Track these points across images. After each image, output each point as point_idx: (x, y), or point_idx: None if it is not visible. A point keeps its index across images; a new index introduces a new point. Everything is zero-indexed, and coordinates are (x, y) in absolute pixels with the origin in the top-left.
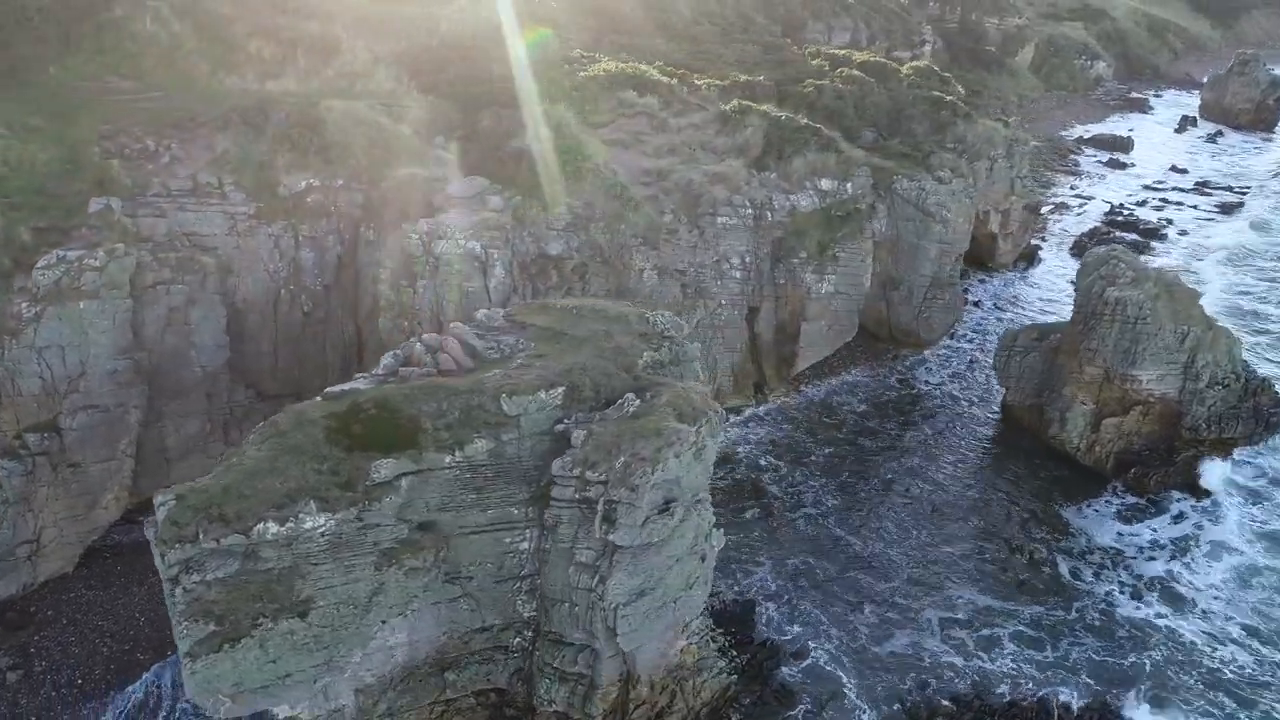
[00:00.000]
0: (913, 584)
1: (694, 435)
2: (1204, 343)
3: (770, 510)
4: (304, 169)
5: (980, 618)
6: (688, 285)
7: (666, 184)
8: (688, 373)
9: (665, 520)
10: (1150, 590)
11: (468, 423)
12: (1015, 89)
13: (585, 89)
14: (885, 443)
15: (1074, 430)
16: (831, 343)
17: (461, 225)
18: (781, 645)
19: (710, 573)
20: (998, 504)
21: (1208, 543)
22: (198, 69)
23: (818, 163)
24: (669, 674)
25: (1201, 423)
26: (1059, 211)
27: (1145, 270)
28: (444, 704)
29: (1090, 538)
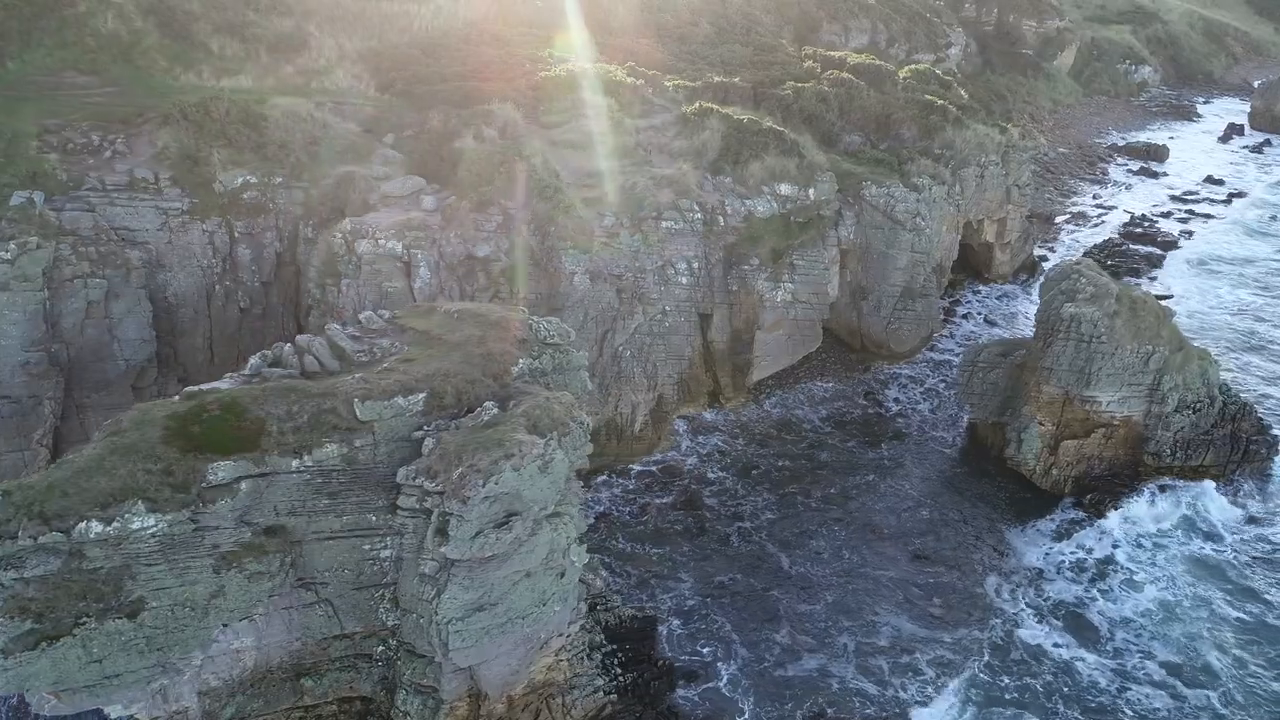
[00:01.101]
0: (836, 606)
1: (541, 448)
2: (1172, 364)
3: (704, 524)
4: (240, 165)
5: (897, 642)
6: (624, 290)
7: (610, 186)
8: (572, 381)
9: (501, 534)
10: (1055, 616)
11: (317, 427)
12: (1050, 94)
13: (542, 89)
14: (841, 458)
15: (1029, 452)
16: (792, 352)
17: (383, 225)
18: (679, 665)
19: (572, 589)
20: (944, 525)
21: (1137, 569)
22: (156, 65)
23: (777, 167)
24: (533, 691)
25: (1166, 448)
26: (1075, 221)
27: (1106, 286)
28: (303, 710)
29: (1021, 557)
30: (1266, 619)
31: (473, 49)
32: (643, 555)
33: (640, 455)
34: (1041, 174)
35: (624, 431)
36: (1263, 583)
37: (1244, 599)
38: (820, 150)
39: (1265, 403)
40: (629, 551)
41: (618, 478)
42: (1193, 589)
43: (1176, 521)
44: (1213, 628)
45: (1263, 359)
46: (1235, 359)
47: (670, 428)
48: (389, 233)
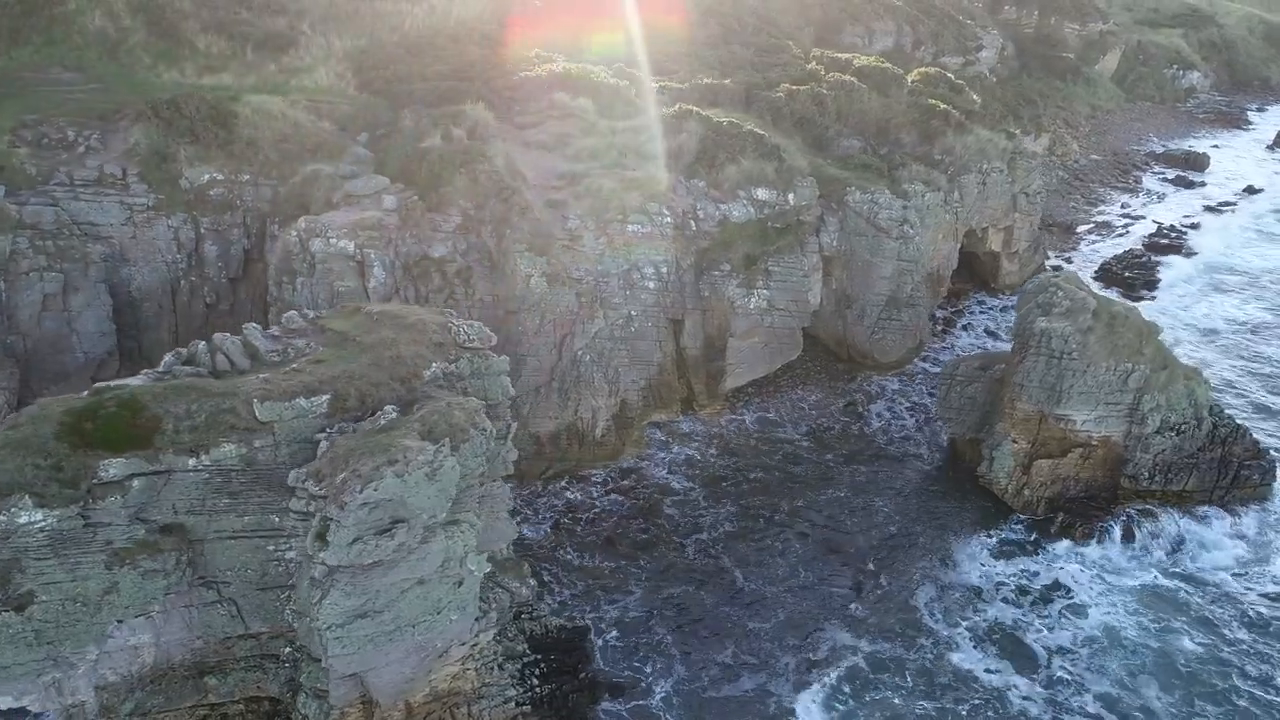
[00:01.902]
0: (785, 624)
1: (430, 454)
2: (1153, 383)
3: (661, 535)
4: (207, 162)
5: (837, 662)
6: (583, 294)
7: (577, 189)
8: (492, 386)
9: (383, 541)
10: (992, 640)
11: (214, 426)
12: (1089, 99)
13: (520, 90)
14: (815, 471)
15: (1001, 470)
16: (770, 361)
17: (337, 224)
18: (611, 679)
19: (472, 598)
20: (907, 544)
21: (1086, 596)
22: (140, 62)
23: (754, 171)
24: (436, 699)
25: (1144, 471)
26: (1098, 231)
27: (1083, 301)
28: (208, 708)
29: (971, 577)
30: (1220, 656)
31: (461, 48)
32: (592, 566)
33: (604, 461)
34: (1069, 181)
35: (585, 436)
36: (1223, 618)
37: (1200, 634)
38: (810, 154)
39: (1266, 424)
40: (577, 561)
41: (577, 483)
42: (1142, 620)
43: (1138, 548)
44: (1159, 663)
45: (1273, 378)
46: (1242, 377)
47: (641, 434)
48: (341, 232)
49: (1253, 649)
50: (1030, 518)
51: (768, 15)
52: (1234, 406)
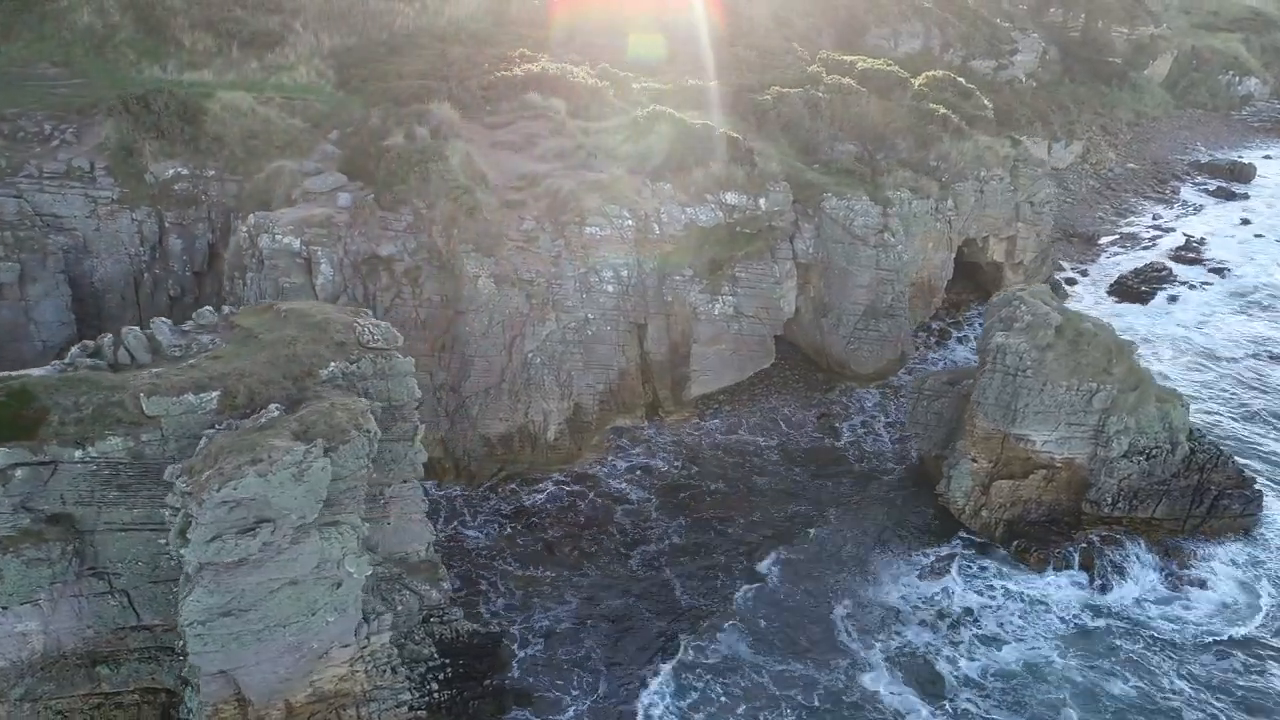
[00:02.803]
0: (712, 639)
1: (299, 455)
2: (1121, 404)
3: (606, 545)
4: (172, 157)
5: (759, 685)
6: (534, 296)
7: (536, 190)
8: (396, 388)
9: (244, 541)
10: (899, 664)
11: (101, 419)
12: (1135, 105)
13: (494, 89)
14: (778, 484)
15: (959, 490)
16: (739, 369)
17: (284, 220)
18: (518, 690)
19: (353, 600)
20: (855, 563)
21: (1007, 626)
22: (125, 58)
23: (722, 174)
24: (320, 700)
25: (1108, 496)
26: (1123, 243)
27: (1046, 316)
28: (102, 696)
29: (904, 598)
30: (1151, 705)
31: (445, 47)
32: (530, 574)
33: (559, 465)
34: (1099, 191)
35: (538, 440)
36: (1160, 664)
37: (1131, 679)
38: (794, 159)
39: (1263, 453)
40: (517, 569)
41: (529, 487)
42: (1067, 657)
43: (1084, 579)
44: (1079, 704)
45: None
46: (1247, 403)
47: (601, 439)
48: (287, 228)
49: (1189, 700)
50: (976, 540)
51: (785, 17)
52: (1230, 433)
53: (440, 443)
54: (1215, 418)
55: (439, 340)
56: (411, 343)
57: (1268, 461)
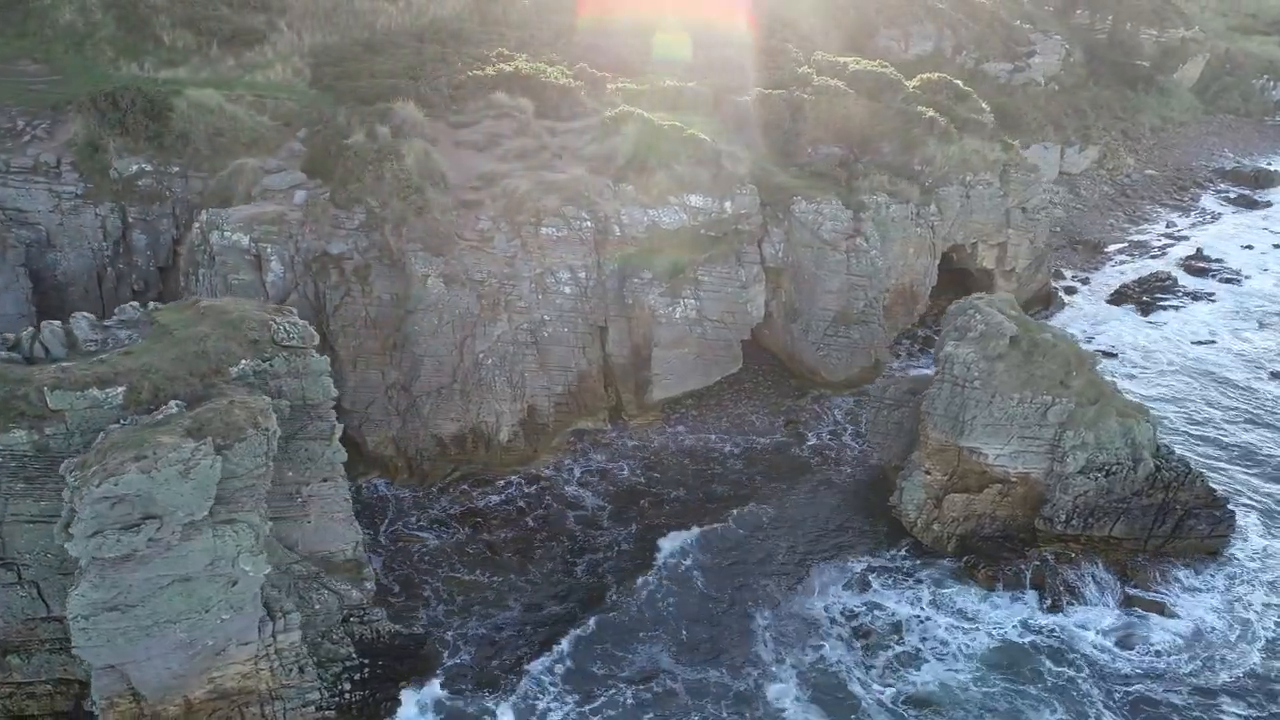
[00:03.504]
0: (647, 654)
1: (187, 452)
2: (1079, 418)
3: (554, 552)
4: (136, 154)
5: (660, 685)
6: (485, 296)
7: (494, 190)
8: (311, 386)
9: (127, 536)
10: (809, 682)
11: (6, 411)
12: (1161, 110)
13: (463, 88)
14: (735, 492)
15: (910, 502)
16: (705, 373)
17: (235, 217)
18: (431, 693)
19: (251, 599)
20: (794, 575)
21: (932, 646)
22: (104, 56)
23: (686, 176)
24: (222, 697)
25: (1061, 514)
26: (1131, 251)
27: (999, 326)
28: (14, 686)
29: (816, 606)
30: None
31: (423, 46)
32: (473, 579)
33: (514, 467)
34: (1113, 197)
35: (491, 441)
36: (1089, 694)
37: (1053, 704)
38: (772, 162)
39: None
40: (458, 574)
41: (481, 489)
42: (989, 682)
43: (1026, 600)
44: None
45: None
46: (1237, 420)
47: (562, 441)
48: (237, 225)
49: None
50: (924, 554)
51: (789, 18)
52: (1214, 451)
53: (392, 441)
54: (1200, 434)
55: (390, 339)
56: (362, 341)
57: (1251, 482)
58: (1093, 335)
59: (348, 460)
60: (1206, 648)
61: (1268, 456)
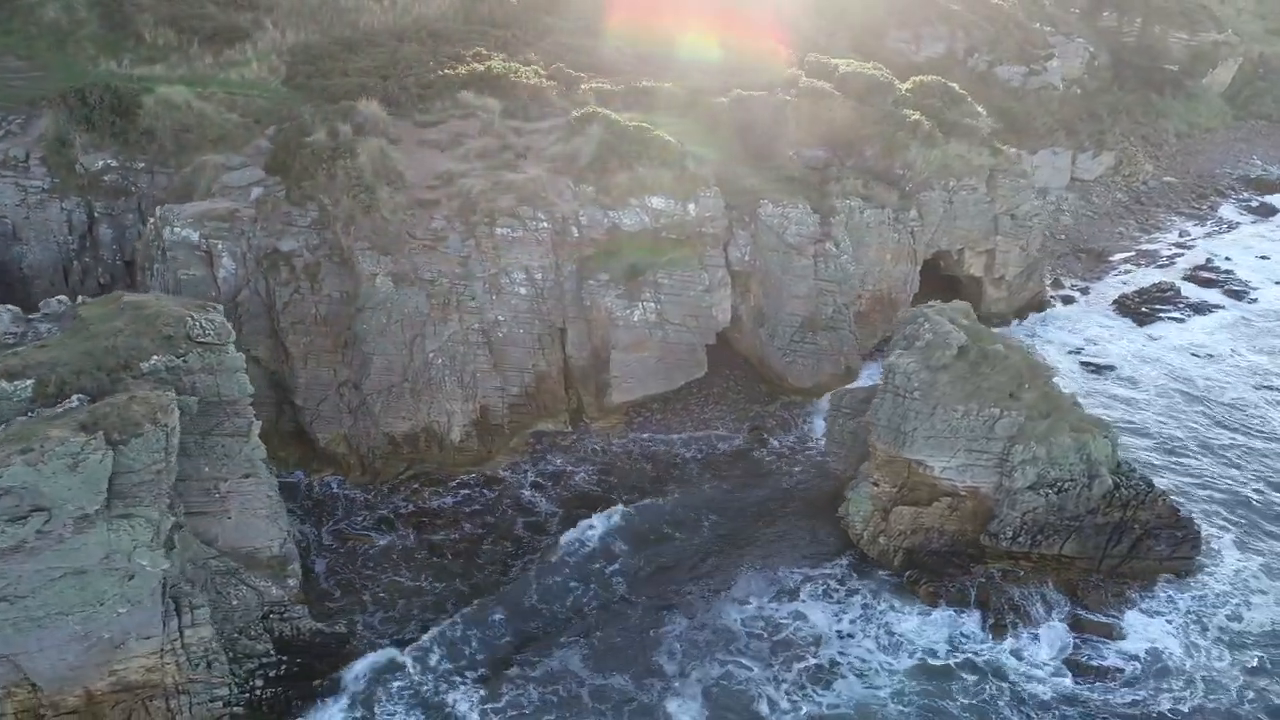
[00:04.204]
0: (556, 657)
1: (76, 446)
2: (1029, 432)
3: (498, 554)
4: (101, 149)
5: (564, 689)
6: (435, 296)
7: (450, 189)
8: (226, 383)
9: (14, 528)
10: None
11: None
12: (1187, 116)
13: (432, 87)
14: (687, 500)
15: (857, 514)
16: (667, 378)
17: (187, 213)
18: (347, 691)
19: (150, 593)
20: (717, 581)
21: (849, 661)
22: (84, 53)
23: (648, 178)
24: (125, 690)
25: (1008, 530)
26: (1138, 260)
27: (946, 336)
28: None
29: (735, 617)
30: None
31: (401, 45)
32: (411, 581)
33: (468, 467)
34: (1126, 205)
35: (443, 440)
36: (1007, 711)
37: None
38: (743, 164)
39: (1218, 492)
40: (396, 575)
41: (433, 489)
42: (905, 700)
43: (973, 615)
44: None
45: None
46: (1221, 440)
47: (521, 442)
48: (188, 221)
49: None
50: (866, 567)
51: (792, 18)
52: (1192, 470)
53: (344, 439)
54: (1183, 453)
55: (341, 337)
56: (312, 338)
57: (1231, 504)
58: (1082, 346)
59: (302, 456)
60: (1153, 675)
61: (1252, 478)
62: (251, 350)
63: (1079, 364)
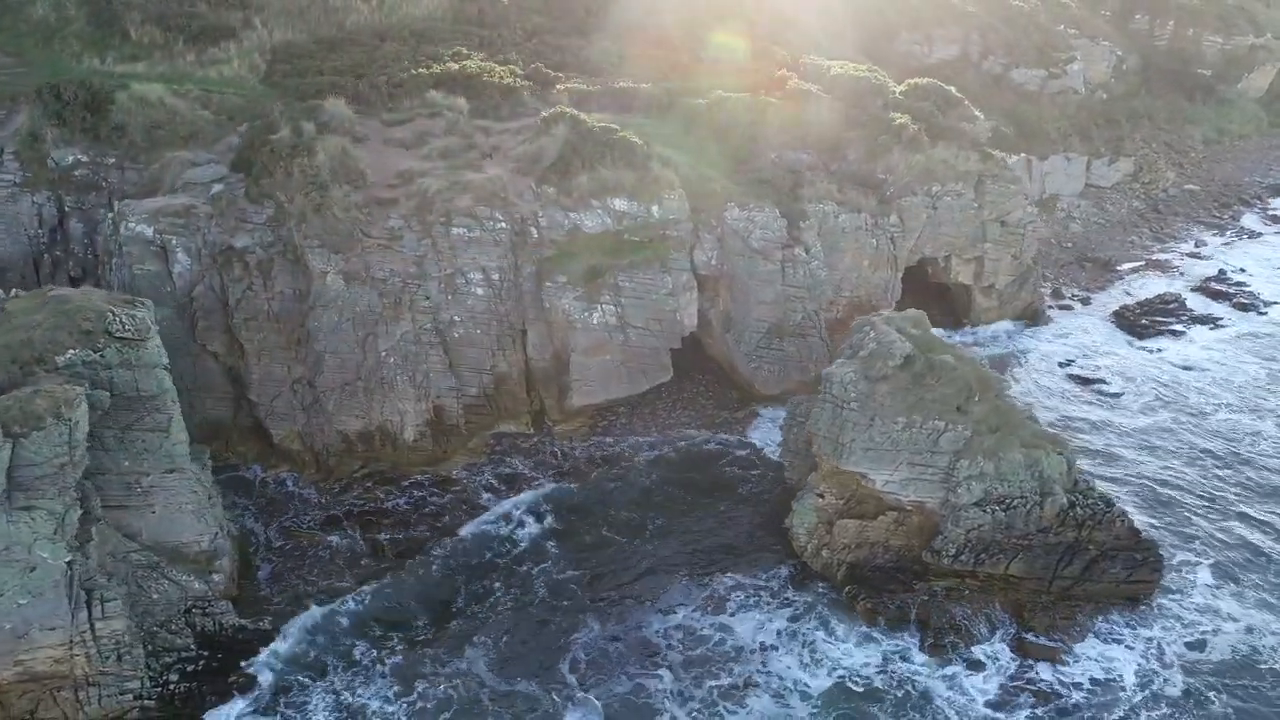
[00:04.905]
0: (469, 658)
1: None
2: (976, 447)
3: (438, 555)
4: (72, 145)
5: (473, 695)
6: (387, 295)
7: (409, 189)
8: (144, 379)
9: None
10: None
11: None
12: (1219, 122)
13: (403, 86)
14: (639, 505)
15: (801, 526)
16: (630, 382)
17: (142, 209)
18: (263, 687)
19: (53, 585)
20: (656, 591)
21: (771, 683)
22: (70, 50)
23: (610, 179)
24: (31, 679)
25: (950, 547)
26: (1148, 270)
27: (890, 345)
28: None
29: (654, 629)
30: None
31: (385, 45)
32: (348, 579)
33: (423, 467)
34: (1142, 213)
35: (398, 440)
36: None
37: None
38: (716, 166)
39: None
40: (336, 574)
41: (384, 488)
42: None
43: (913, 634)
44: None
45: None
46: (1208, 464)
47: (481, 443)
48: (142, 217)
49: None
50: (808, 580)
51: (795, 19)
52: (1172, 494)
53: (298, 436)
54: (1165, 474)
55: (295, 334)
56: (266, 335)
57: (1211, 530)
58: (1073, 358)
59: (261, 451)
60: (1095, 704)
61: (1236, 502)
62: (208, 345)
63: (1067, 376)
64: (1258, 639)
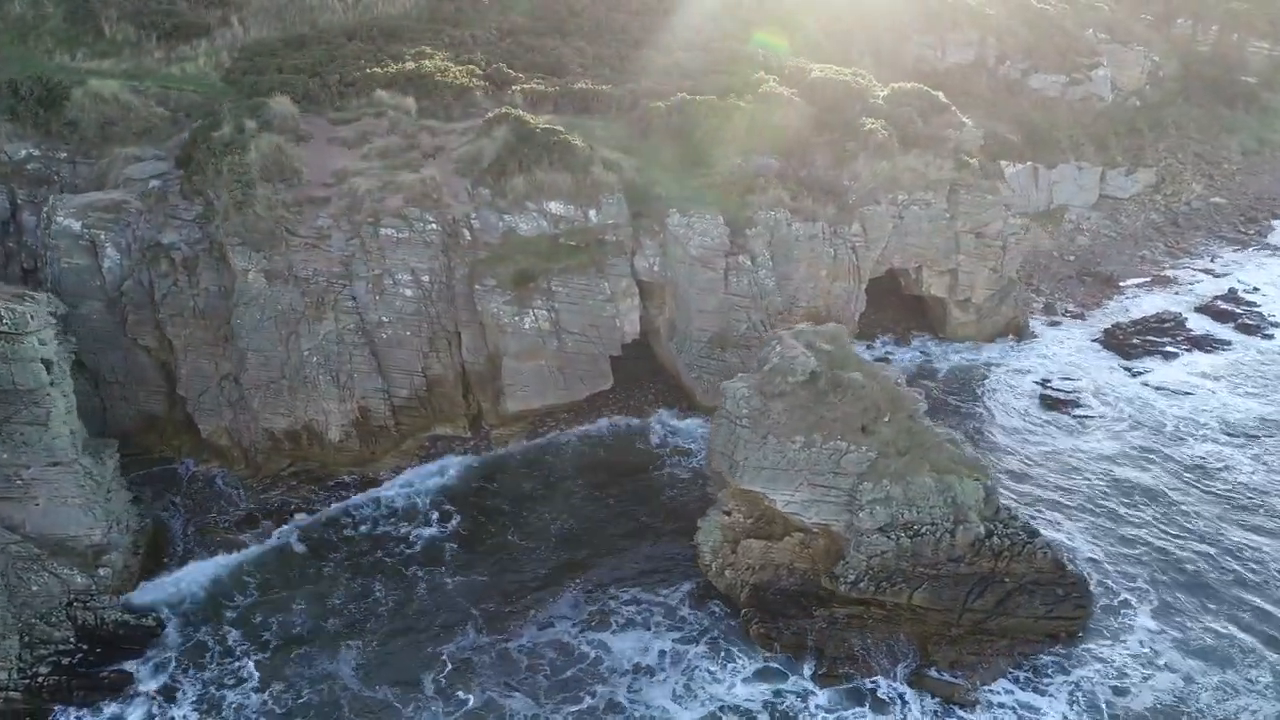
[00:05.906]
0: (338, 661)
1: None
2: (881, 470)
3: (344, 553)
4: (24, 139)
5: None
6: (310, 294)
7: (341, 188)
8: (21, 372)
9: None
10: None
11: None
12: (1261, 131)
13: (354, 85)
14: (560, 512)
15: (706, 543)
16: (568, 388)
17: (71, 204)
18: (137, 683)
19: None
20: (540, 602)
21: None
22: (43, 46)
23: (545, 182)
24: None
25: (852, 573)
26: (1153, 286)
27: (793, 361)
28: None
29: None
30: None
31: (350, 43)
32: (249, 578)
33: (350, 467)
34: (1159, 226)
35: (323, 439)
36: None
37: None
38: (669, 170)
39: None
40: (239, 572)
41: (309, 486)
42: None
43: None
44: None
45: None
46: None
47: (416, 444)
48: (71, 211)
49: None
50: (706, 601)
51: (797, 20)
52: (1130, 533)
53: (225, 432)
54: (1118, 503)
55: (221, 330)
56: (192, 330)
57: (1161, 574)
58: (1050, 378)
59: (194, 445)
60: None
61: (1194, 542)
62: (140, 340)
63: (1038, 396)
64: (1190, 689)
